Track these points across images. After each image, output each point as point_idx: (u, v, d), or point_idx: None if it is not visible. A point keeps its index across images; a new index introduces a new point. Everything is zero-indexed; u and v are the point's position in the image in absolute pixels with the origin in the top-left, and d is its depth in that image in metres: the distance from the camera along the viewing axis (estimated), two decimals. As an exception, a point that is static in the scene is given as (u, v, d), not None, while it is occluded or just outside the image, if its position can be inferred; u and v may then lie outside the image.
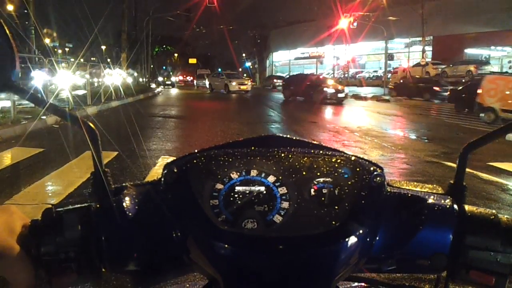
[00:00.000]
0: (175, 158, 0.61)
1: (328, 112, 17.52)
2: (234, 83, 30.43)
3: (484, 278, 0.52)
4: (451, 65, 30.87)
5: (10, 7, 27.08)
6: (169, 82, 45.58)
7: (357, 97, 26.23)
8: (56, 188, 4.52)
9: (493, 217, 0.53)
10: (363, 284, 0.67)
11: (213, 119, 12.92)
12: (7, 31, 0.50)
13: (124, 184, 0.59)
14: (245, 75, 56.08)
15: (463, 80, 24.40)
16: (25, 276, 0.50)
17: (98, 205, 0.54)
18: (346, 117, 15.68)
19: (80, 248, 0.51)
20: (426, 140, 9.71)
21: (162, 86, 41.42)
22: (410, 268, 0.58)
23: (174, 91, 35.51)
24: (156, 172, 5.37)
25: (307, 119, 13.97)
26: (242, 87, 30.50)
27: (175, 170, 0.57)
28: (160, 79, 46.53)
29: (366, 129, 11.32)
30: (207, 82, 35.29)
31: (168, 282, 0.73)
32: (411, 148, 8.34)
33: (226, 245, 0.50)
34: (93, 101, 14.09)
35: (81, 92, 15.79)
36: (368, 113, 16.78)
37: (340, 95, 21.52)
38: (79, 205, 0.54)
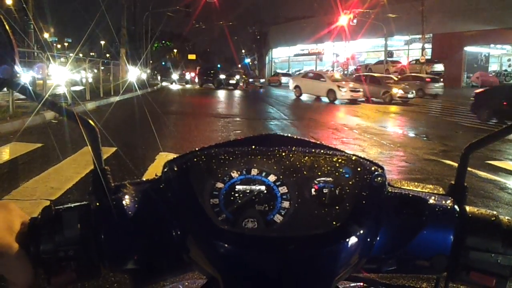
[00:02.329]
0: (175, 155, 0.61)
1: (326, 109, 17.53)
2: (344, 90, 19.66)
3: (485, 279, 0.52)
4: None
5: (8, 1, 26.97)
6: (186, 80, 41.12)
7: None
8: (55, 184, 4.52)
9: (494, 218, 0.53)
10: (363, 284, 0.67)
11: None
12: (7, 27, 0.50)
13: (124, 182, 0.58)
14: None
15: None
16: (24, 275, 0.49)
17: (97, 203, 0.54)
18: (345, 114, 15.69)
19: (80, 246, 0.51)
20: (425, 138, 9.73)
21: (177, 84, 38.17)
22: (410, 268, 0.58)
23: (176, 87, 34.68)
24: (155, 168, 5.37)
25: (307, 116, 13.98)
26: (355, 94, 19.94)
27: (175, 169, 0.57)
28: (175, 76, 41.30)
29: (365, 126, 11.33)
30: (291, 83, 24.49)
31: (167, 281, 0.73)
32: (410, 146, 8.35)
33: (226, 245, 0.49)
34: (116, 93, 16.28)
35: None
36: (367, 110, 16.79)
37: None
38: (78, 203, 0.54)
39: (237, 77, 33.74)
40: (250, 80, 39.43)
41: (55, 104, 0.56)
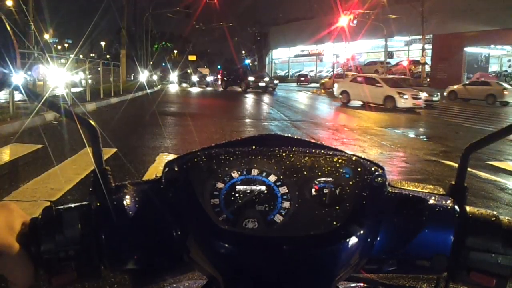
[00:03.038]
0: (175, 156, 0.61)
1: (327, 110, 17.51)
2: (406, 97, 16.96)
3: (485, 279, 0.52)
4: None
5: (9, 3, 26.98)
6: (206, 83, 37.15)
7: (330, 93, 26.45)
8: (55, 185, 4.51)
9: (494, 218, 0.53)
10: (363, 284, 0.67)
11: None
12: (8, 28, 0.50)
13: (124, 183, 0.58)
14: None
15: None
16: (24, 275, 0.49)
17: (98, 204, 0.54)
18: (345, 115, 15.68)
19: (80, 246, 0.51)
20: (425, 139, 9.72)
21: (197, 86, 35.19)
22: (410, 269, 0.58)
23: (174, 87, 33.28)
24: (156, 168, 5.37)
25: (307, 117, 13.96)
26: (417, 102, 17.14)
27: (176, 169, 0.57)
28: (195, 78, 37.41)
29: (365, 127, 11.33)
30: (337, 88, 20.43)
31: (167, 281, 0.73)
32: (410, 146, 8.35)
33: (227, 245, 0.49)
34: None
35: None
36: (367, 111, 16.78)
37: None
38: (79, 203, 0.54)
39: (267, 79, 30.35)
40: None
41: (55, 104, 0.56)
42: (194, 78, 38.31)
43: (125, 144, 6.93)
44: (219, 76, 37.11)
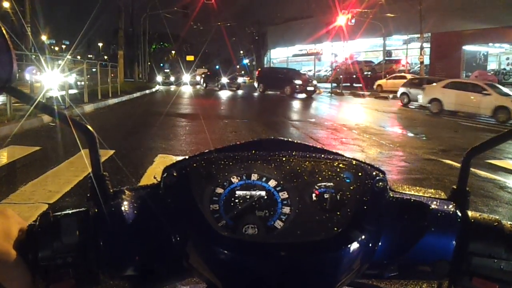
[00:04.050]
0: (175, 160, 0.60)
1: (326, 108, 17.51)
2: None
3: (487, 285, 0.51)
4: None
5: (6, 4, 26.92)
6: (236, 85, 31.99)
7: (355, 94, 26.13)
8: (53, 187, 4.50)
9: (496, 223, 0.53)
10: None
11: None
12: (5, 32, 0.49)
13: (122, 188, 0.58)
14: (242, 72, 53.64)
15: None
16: (22, 282, 0.49)
17: (96, 210, 0.53)
18: (344, 114, 15.69)
19: (78, 253, 0.50)
20: (424, 138, 9.73)
21: (226, 89, 30.41)
22: (412, 274, 0.57)
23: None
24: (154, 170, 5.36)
25: (306, 115, 13.96)
26: None
27: (175, 174, 0.56)
28: (224, 80, 32.22)
29: (364, 126, 11.33)
30: (425, 95, 15.83)
31: (166, 287, 0.73)
32: (409, 145, 8.36)
33: (226, 251, 0.49)
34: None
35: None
36: (366, 110, 16.78)
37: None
38: (76, 210, 0.54)
39: (315, 82, 26.52)
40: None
41: (48, 107, 0.55)
42: (224, 79, 32.74)
43: (123, 146, 6.92)
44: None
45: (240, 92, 29.42)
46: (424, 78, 21.60)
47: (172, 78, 41.21)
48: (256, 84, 28.74)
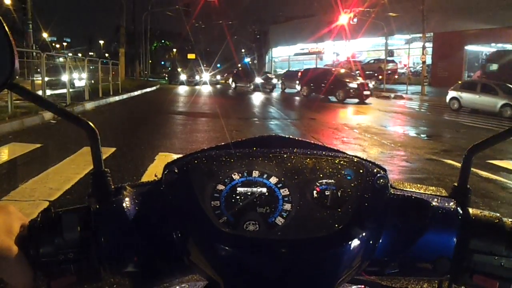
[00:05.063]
0: (175, 156, 0.60)
1: (327, 108, 17.50)
2: None
3: (488, 282, 0.51)
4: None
5: (7, 1, 26.91)
6: (270, 86, 28.09)
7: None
8: (54, 184, 4.51)
9: (497, 220, 0.53)
10: (365, 287, 0.67)
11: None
12: (7, 29, 0.49)
13: (124, 185, 0.58)
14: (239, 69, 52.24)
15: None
16: (23, 278, 0.49)
17: (97, 206, 0.53)
18: (345, 113, 15.68)
19: (79, 249, 0.50)
20: (426, 138, 9.72)
21: (260, 90, 26.97)
22: (413, 271, 0.57)
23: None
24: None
25: (307, 115, 13.95)
26: None
27: (176, 171, 0.56)
28: (258, 80, 28.35)
29: (365, 126, 11.32)
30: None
31: (167, 284, 0.73)
32: (411, 145, 8.35)
33: (227, 248, 0.49)
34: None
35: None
36: (367, 109, 16.78)
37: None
38: (78, 206, 0.54)
39: (371, 85, 21.87)
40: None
41: (52, 105, 0.56)
42: (258, 79, 28.75)
43: (124, 143, 6.93)
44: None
45: (275, 94, 25.40)
46: (479, 81, 18.59)
47: (197, 77, 35.83)
48: (298, 87, 24.52)
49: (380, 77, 28.59)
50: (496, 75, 21.75)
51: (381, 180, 0.56)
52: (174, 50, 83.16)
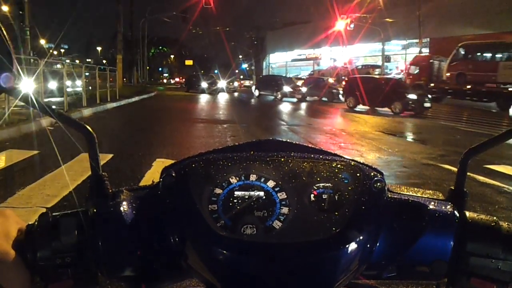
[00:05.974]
0: (172, 161, 0.60)
1: (325, 114, 17.51)
2: None
3: (485, 285, 0.51)
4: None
5: (5, 8, 26.92)
6: (300, 95, 24.98)
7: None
8: (51, 191, 4.49)
9: (494, 224, 0.53)
10: None
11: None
12: (5, 34, 0.49)
13: (121, 189, 0.58)
14: (241, 76, 52.33)
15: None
16: (20, 282, 0.49)
17: (95, 210, 0.53)
18: (343, 119, 15.71)
19: (77, 253, 0.50)
20: (423, 143, 9.74)
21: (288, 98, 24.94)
22: (410, 274, 0.57)
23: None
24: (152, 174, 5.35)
25: (304, 120, 13.95)
26: None
27: (173, 174, 0.56)
28: (287, 89, 25.55)
29: (363, 131, 11.33)
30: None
31: None
32: (408, 150, 8.36)
33: (225, 251, 0.49)
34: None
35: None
36: (364, 115, 16.81)
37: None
38: (75, 210, 0.54)
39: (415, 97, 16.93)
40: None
41: (52, 110, 0.56)
42: (286, 88, 25.86)
43: (122, 150, 6.92)
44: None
45: (304, 105, 22.37)
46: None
47: (219, 85, 33.10)
48: (342, 98, 21.62)
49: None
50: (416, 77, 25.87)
51: (378, 184, 0.56)
52: (172, 56, 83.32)
